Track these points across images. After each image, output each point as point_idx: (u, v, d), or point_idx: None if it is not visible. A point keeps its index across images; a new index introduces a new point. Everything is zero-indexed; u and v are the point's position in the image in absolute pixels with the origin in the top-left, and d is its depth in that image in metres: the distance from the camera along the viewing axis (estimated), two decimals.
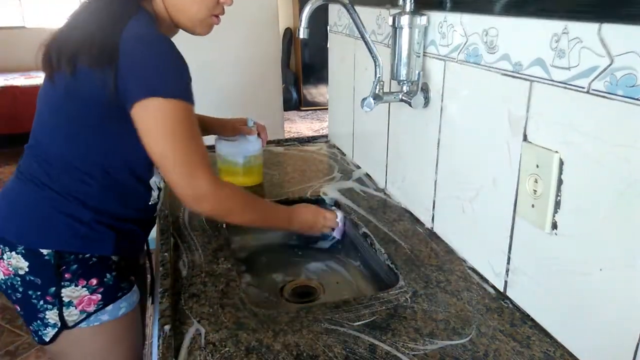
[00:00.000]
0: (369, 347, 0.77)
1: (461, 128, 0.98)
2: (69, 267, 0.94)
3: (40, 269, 0.94)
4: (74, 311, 0.95)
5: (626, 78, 0.60)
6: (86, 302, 0.96)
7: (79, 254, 0.95)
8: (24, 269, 0.94)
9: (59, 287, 0.94)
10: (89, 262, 0.96)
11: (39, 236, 0.94)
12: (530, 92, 0.77)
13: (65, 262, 0.94)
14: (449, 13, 0.97)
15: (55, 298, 0.94)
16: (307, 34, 0.99)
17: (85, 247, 0.96)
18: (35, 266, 0.94)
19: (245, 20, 2.91)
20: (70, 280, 0.94)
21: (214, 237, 1.12)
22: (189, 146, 0.89)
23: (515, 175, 0.82)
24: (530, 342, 0.77)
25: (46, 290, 0.94)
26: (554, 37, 0.71)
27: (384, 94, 1.09)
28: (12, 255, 0.94)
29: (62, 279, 0.94)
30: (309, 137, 1.90)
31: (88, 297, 0.96)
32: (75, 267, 0.94)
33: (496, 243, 0.89)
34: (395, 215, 1.22)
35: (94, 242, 0.96)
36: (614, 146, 0.63)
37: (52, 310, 0.95)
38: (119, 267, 1.01)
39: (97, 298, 0.97)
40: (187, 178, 0.89)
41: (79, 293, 0.95)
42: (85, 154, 0.95)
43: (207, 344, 0.78)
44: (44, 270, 0.94)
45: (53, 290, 0.94)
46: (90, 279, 0.96)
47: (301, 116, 6.02)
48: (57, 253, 0.93)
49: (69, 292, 0.94)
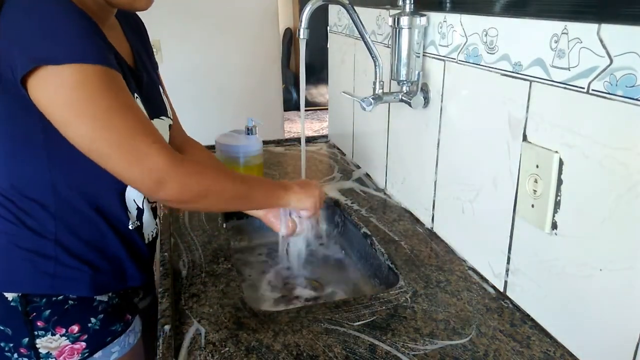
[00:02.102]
0: (369, 347, 0.77)
1: (461, 128, 0.98)
2: (40, 314, 0.79)
3: (8, 317, 0.79)
4: None
5: (626, 78, 0.60)
6: (68, 352, 0.82)
7: (51, 296, 0.80)
8: None
9: (32, 337, 0.80)
10: (64, 305, 0.81)
11: (0, 278, 0.79)
12: (530, 92, 0.77)
13: (34, 307, 0.79)
14: (449, 13, 0.97)
15: (31, 350, 0.80)
16: (307, 34, 0.99)
17: (55, 287, 0.80)
18: (3, 314, 0.79)
19: (245, 20, 2.92)
20: (44, 329, 0.80)
21: (214, 237, 1.12)
22: (122, 119, 0.67)
23: (515, 175, 0.82)
24: (530, 342, 0.77)
25: (19, 342, 0.80)
26: (554, 38, 0.71)
27: (384, 94, 1.09)
28: None
29: (34, 328, 0.80)
30: (309, 137, 1.90)
31: (70, 347, 0.82)
32: (48, 312, 0.80)
33: (496, 243, 0.89)
34: (395, 215, 1.22)
35: (66, 280, 0.80)
36: (613, 146, 0.63)
37: None
38: (111, 306, 0.86)
39: (81, 347, 0.83)
40: (134, 160, 0.68)
41: (57, 343, 0.81)
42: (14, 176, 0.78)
43: (207, 344, 0.78)
44: (11, 318, 0.79)
45: (27, 342, 0.80)
46: (70, 326, 0.81)
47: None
48: (24, 297, 0.78)
49: (46, 343, 0.81)
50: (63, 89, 0.65)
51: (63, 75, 0.65)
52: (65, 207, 0.79)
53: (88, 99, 0.66)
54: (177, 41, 2.78)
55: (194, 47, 2.83)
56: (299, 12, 5.12)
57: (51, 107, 0.67)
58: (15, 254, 0.79)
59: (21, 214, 0.78)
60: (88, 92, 0.66)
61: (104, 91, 0.67)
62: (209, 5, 2.81)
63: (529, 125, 0.78)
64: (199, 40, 2.83)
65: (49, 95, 0.66)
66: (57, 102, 0.66)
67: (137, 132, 0.68)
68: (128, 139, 0.68)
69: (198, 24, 2.81)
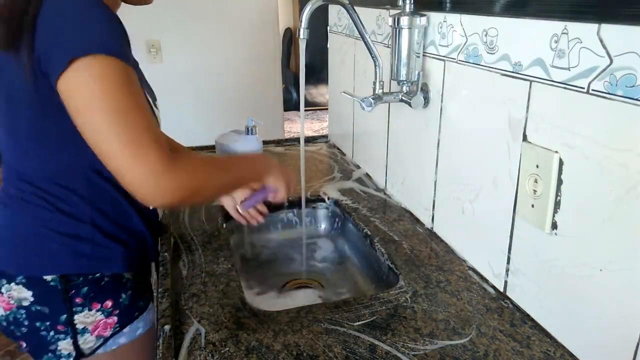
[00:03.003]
0: (369, 347, 0.77)
1: (461, 128, 0.98)
2: (78, 291, 0.86)
3: (47, 297, 0.85)
4: (90, 338, 0.89)
5: (625, 78, 0.60)
6: (102, 327, 0.89)
7: (88, 274, 0.87)
8: (28, 300, 0.85)
9: (70, 313, 0.86)
10: (100, 282, 0.88)
11: (39, 262, 0.85)
12: (530, 92, 0.77)
13: (73, 285, 0.86)
14: (449, 13, 0.97)
15: (68, 326, 0.87)
16: (307, 34, 0.99)
17: (93, 266, 0.87)
18: (41, 295, 0.85)
19: (245, 20, 2.91)
20: (82, 305, 0.87)
21: (214, 237, 1.12)
22: (136, 118, 0.69)
23: (515, 175, 0.82)
24: (530, 342, 0.78)
25: (57, 319, 0.86)
26: (554, 38, 0.71)
27: (384, 94, 1.09)
28: (12, 287, 0.85)
29: (72, 305, 0.86)
30: (309, 137, 1.90)
31: (104, 321, 0.89)
32: (86, 289, 0.87)
33: (496, 243, 0.89)
34: (395, 215, 1.22)
35: (101, 260, 0.88)
36: (613, 146, 0.63)
37: (65, 339, 0.87)
38: (135, 284, 0.93)
39: (114, 321, 0.90)
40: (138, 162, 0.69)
41: (93, 318, 0.88)
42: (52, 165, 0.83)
43: (207, 344, 0.78)
44: (50, 297, 0.85)
45: (64, 318, 0.86)
46: (105, 301, 0.88)
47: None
48: (63, 277, 0.85)
49: (83, 318, 0.87)
50: (89, 78, 0.68)
51: (92, 65, 0.68)
52: (96, 191, 0.85)
53: (110, 92, 0.68)
54: (177, 41, 2.78)
55: (194, 47, 2.83)
56: (299, 12, 5.12)
57: (72, 94, 0.69)
58: (54, 239, 0.84)
59: (57, 201, 0.84)
60: (112, 85, 0.68)
61: (125, 87, 0.69)
62: (209, 6, 2.81)
63: (529, 125, 0.78)
64: (199, 40, 2.83)
65: (74, 84, 0.68)
66: (80, 90, 0.69)
67: (147, 135, 0.70)
68: (137, 140, 0.69)
69: (198, 24, 2.81)
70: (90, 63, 0.68)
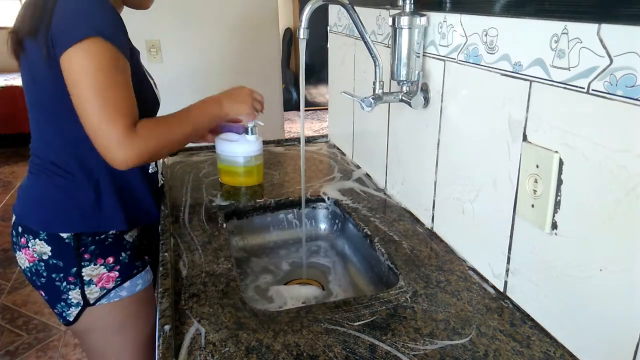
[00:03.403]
0: (369, 347, 0.77)
1: (461, 128, 0.98)
2: (87, 248, 1.02)
3: (62, 252, 1.01)
4: (95, 288, 1.04)
5: (626, 78, 0.60)
6: (105, 280, 1.05)
7: (95, 234, 1.03)
8: (48, 254, 1.01)
9: (79, 267, 1.02)
10: (105, 242, 1.05)
11: (57, 222, 1.01)
12: (530, 92, 0.77)
13: (83, 243, 1.02)
14: (449, 13, 0.97)
15: (77, 278, 1.02)
16: (307, 34, 0.99)
17: (100, 226, 1.03)
18: (57, 250, 1.01)
19: (245, 20, 2.91)
20: (89, 260, 1.03)
21: (214, 237, 1.12)
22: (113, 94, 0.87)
23: (515, 175, 0.82)
24: (530, 342, 0.78)
25: (68, 271, 1.02)
26: (554, 38, 0.71)
27: (384, 94, 1.09)
28: (37, 242, 1.01)
29: (82, 259, 1.02)
30: (309, 137, 1.90)
31: (107, 275, 1.05)
32: (93, 247, 1.03)
33: (496, 243, 0.89)
34: (395, 215, 1.22)
35: (106, 220, 1.04)
36: (613, 146, 0.63)
37: (75, 289, 1.03)
38: (133, 246, 1.10)
39: (115, 275, 1.06)
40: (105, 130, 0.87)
41: (98, 271, 1.04)
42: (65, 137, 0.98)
43: (207, 344, 0.78)
44: (65, 252, 1.01)
45: (74, 271, 1.02)
46: (107, 257, 1.05)
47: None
48: (76, 235, 1.01)
49: (89, 271, 1.03)
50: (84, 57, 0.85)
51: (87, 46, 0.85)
52: (104, 160, 0.94)
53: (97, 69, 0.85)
54: (177, 41, 2.78)
55: (194, 47, 2.83)
56: (299, 12, 5.12)
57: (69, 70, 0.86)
58: (70, 203, 1.01)
59: (71, 169, 1.01)
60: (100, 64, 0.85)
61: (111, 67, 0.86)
62: (209, 6, 2.81)
63: (529, 125, 0.78)
64: (199, 40, 2.83)
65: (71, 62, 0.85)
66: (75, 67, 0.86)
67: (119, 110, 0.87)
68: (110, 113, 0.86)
69: (198, 24, 2.81)
70: (86, 44, 0.84)
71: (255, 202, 1.31)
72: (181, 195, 1.35)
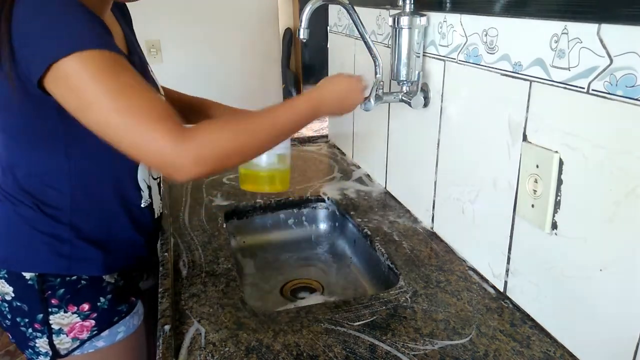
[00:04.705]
0: (369, 347, 0.77)
1: (461, 128, 0.98)
2: (54, 292, 0.85)
3: (25, 295, 0.85)
4: (66, 339, 0.88)
5: (625, 78, 0.60)
6: (78, 329, 0.88)
7: (65, 276, 0.86)
8: (10, 294, 0.86)
9: (46, 313, 0.86)
10: (77, 285, 0.86)
11: (20, 258, 0.85)
12: (530, 92, 0.77)
13: (49, 286, 0.85)
14: (449, 13, 0.97)
15: (44, 325, 0.86)
16: (307, 34, 0.99)
17: (70, 268, 0.86)
18: (20, 291, 0.85)
19: (245, 20, 2.92)
20: (58, 307, 0.86)
21: (214, 237, 1.12)
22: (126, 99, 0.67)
23: (515, 176, 0.82)
24: (530, 342, 0.77)
25: (34, 317, 0.86)
26: (554, 37, 0.71)
27: (383, 94, 1.09)
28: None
29: (48, 305, 0.85)
30: (309, 137, 1.90)
31: (80, 324, 0.88)
32: (62, 291, 0.86)
33: (496, 243, 0.89)
34: (395, 216, 1.22)
35: (79, 261, 0.86)
36: (613, 146, 0.63)
37: (42, 338, 0.87)
38: (116, 288, 0.91)
39: (91, 324, 0.88)
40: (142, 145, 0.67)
41: (69, 320, 0.87)
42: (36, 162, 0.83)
43: (207, 344, 0.78)
44: (28, 295, 0.85)
45: (41, 317, 0.86)
46: (81, 304, 0.87)
47: None
48: (40, 276, 0.84)
49: (58, 319, 0.86)
50: (69, 78, 0.67)
51: (67, 65, 0.66)
52: (80, 193, 0.84)
53: (90, 81, 0.66)
54: (177, 41, 2.78)
55: (194, 47, 2.83)
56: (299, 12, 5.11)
57: (63, 99, 0.69)
58: (35, 237, 0.84)
59: (39, 200, 0.84)
60: (89, 75, 0.66)
61: (105, 73, 0.67)
62: (209, 6, 2.81)
63: (529, 125, 0.78)
64: (199, 40, 2.83)
65: (60, 88, 0.68)
66: (67, 93, 0.69)
67: (142, 114, 0.67)
68: (134, 123, 0.67)
69: (198, 24, 2.81)
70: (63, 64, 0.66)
71: (255, 202, 1.31)
72: (181, 195, 1.35)
